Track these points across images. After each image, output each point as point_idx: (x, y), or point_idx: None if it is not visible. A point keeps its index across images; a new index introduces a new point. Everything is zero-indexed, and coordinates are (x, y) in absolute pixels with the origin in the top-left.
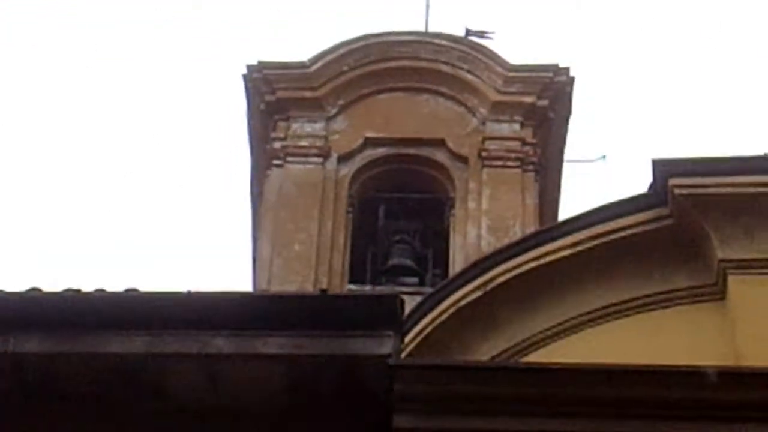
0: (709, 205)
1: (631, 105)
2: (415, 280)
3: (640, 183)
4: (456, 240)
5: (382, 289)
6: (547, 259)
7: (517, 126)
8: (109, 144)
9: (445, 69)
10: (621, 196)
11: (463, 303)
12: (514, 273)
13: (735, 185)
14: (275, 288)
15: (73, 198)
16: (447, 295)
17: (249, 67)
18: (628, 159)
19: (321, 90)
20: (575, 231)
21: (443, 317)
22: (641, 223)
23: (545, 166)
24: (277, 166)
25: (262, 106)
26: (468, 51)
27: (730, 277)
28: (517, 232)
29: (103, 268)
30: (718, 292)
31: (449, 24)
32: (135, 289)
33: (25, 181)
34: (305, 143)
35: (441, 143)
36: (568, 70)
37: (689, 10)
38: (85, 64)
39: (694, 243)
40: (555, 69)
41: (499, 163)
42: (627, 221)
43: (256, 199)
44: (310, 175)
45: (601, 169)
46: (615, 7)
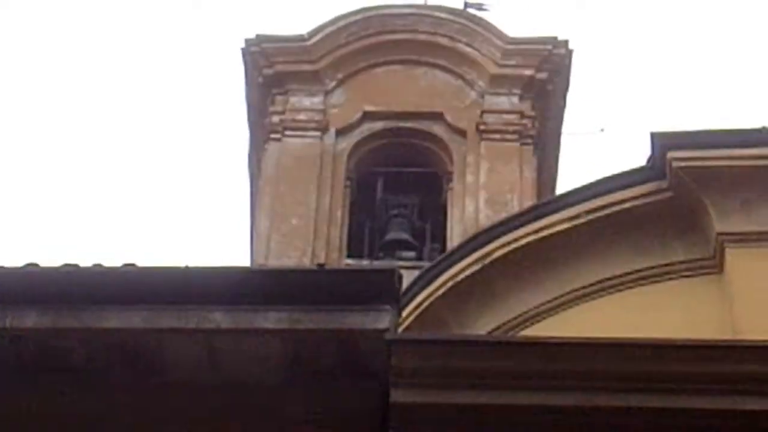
0: (707, 178)
1: (630, 78)
2: (412, 254)
3: (639, 156)
4: (454, 214)
5: (380, 263)
6: (545, 232)
7: (515, 99)
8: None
9: (444, 42)
10: (619, 169)
11: (460, 277)
12: (512, 247)
13: (733, 158)
14: (273, 262)
15: (70, 173)
16: (444, 269)
17: (247, 40)
18: (626, 132)
19: (319, 63)
20: (573, 204)
21: (441, 291)
22: (640, 197)
23: (543, 139)
24: (275, 140)
25: (261, 79)
26: (466, 24)
27: (727, 250)
28: (515, 206)
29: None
30: (715, 265)
31: None
32: (133, 265)
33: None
34: (303, 117)
35: (439, 117)
36: (566, 42)
37: None
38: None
39: (692, 216)
40: (553, 42)
41: (498, 136)
42: (625, 194)
43: (254, 174)
44: (308, 149)
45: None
46: None
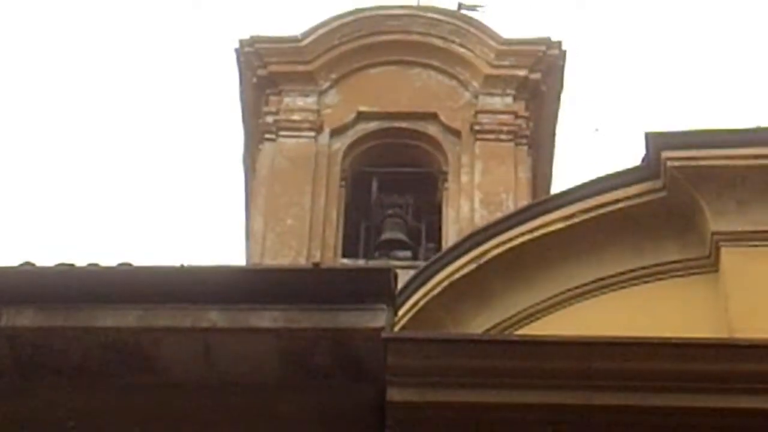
0: (702, 178)
1: (624, 78)
2: (408, 253)
3: (633, 156)
4: (449, 214)
5: (375, 262)
6: (540, 232)
7: (509, 99)
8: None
9: (437, 42)
10: (614, 169)
11: (456, 276)
12: (507, 246)
13: (728, 158)
14: (268, 262)
15: (65, 172)
16: (440, 269)
17: (241, 41)
18: (620, 132)
19: (313, 64)
20: (568, 204)
21: (436, 291)
22: (634, 196)
23: (538, 139)
24: (270, 140)
25: (255, 80)
26: (460, 24)
27: (722, 250)
28: (509, 206)
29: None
30: (710, 264)
31: None
32: (128, 264)
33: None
34: (297, 117)
35: (433, 117)
36: (560, 43)
37: None
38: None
39: (687, 216)
40: (547, 42)
41: (492, 136)
42: (620, 194)
43: (248, 174)
44: (302, 149)
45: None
46: None
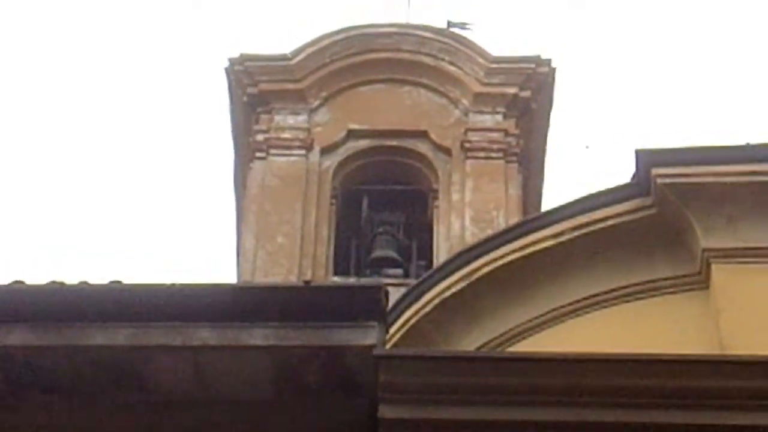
0: (692, 195)
1: (614, 95)
2: (399, 271)
3: (624, 173)
4: (440, 231)
5: (367, 280)
6: (531, 249)
7: (499, 117)
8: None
9: (427, 61)
10: (604, 186)
11: (447, 294)
12: (498, 264)
13: (718, 174)
14: (259, 280)
15: (56, 190)
16: (431, 287)
17: (231, 59)
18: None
19: (303, 82)
20: (558, 221)
21: (427, 308)
22: (624, 213)
23: (528, 156)
24: (260, 158)
25: (245, 98)
26: (450, 42)
27: (713, 266)
28: (500, 223)
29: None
30: (701, 281)
31: (431, 16)
32: (119, 282)
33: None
34: (288, 135)
35: (424, 135)
36: (550, 61)
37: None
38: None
39: (678, 232)
40: (537, 60)
41: (482, 154)
42: (610, 211)
43: (239, 192)
44: (293, 167)
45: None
46: None
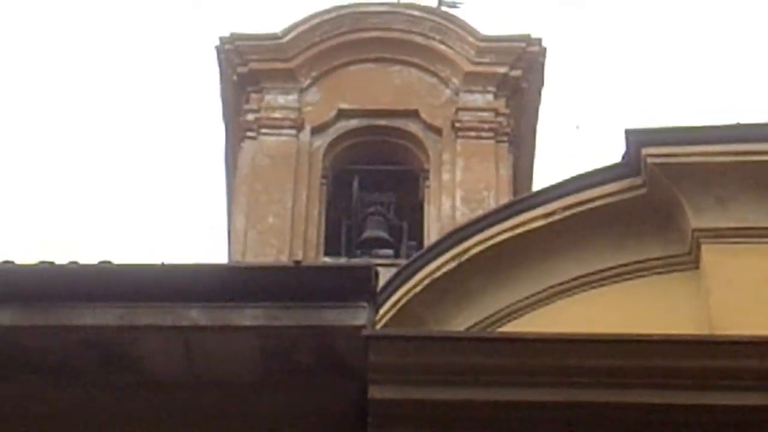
0: (682, 175)
1: (605, 75)
2: (389, 252)
3: (614, 153)
4: (430, 211)
5: (357, 260)
6: (521, 229)
7: (490, 97)
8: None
9: (418, 40)
10: (594, 166)
11: (437, 274)
12: (488, 244)
13: (708, 154)
14: (250, 260)
15: (46, 171)
16: (421, 267)
17: (221, 38)
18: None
19: (293, 61)
20: (548, 201)
21: (418, 289)
22: (614, 193)
23: (519, 136)
24: (251, 138)
25: (235, 77)
26: (440, 21)
27: (703, 247)
28: (491, 203)
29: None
30: (691, 261)
31: None
32: (109, 262)
33: None
34: (278, 115)
35: (414, 114)
36: (540, 40)
37: None
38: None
39: (668, 212)
40: (527, 39)
41: (473, 134)
42: (600, 191)
43: (230, 172)
44: (283, 147)
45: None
46: None
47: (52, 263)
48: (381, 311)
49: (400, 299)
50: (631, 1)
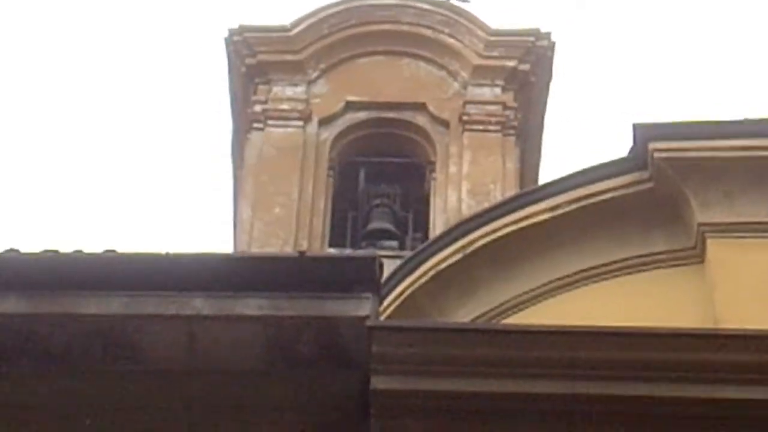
0: (688, 169)
1: (613, 69)
2: (395, 243)
3: (621, 147)
4: (436, 204)
5: (361, 251)
6: (527, 222)
7: (498, 90)
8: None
9: (427, 33)
10: (601, 160)
11: (442, 266)
12: (494, 236)
13: (715, 149)
14: (253, 250)
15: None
16: (426, 258)
17: (230, 30)
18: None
19: (302, 53)
20: (555, 194)
21: (422, 280)
22: (621, 187)
23: (526, 130)
24: (258, 129)
25: (243, 69)
26: (449, 15)
27: (709, 241)
28: (497, 196)
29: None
30: (697, 255)
31: None
32: (113, 251)
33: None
34: (286, 107)
35: (422, 107)
36: (549, 34)
37: None
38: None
39: (674, 207)
40: (536, 33)
41: (480, 127)
42: (607, 185)
43: (236, 163)
44: (290, 138)
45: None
46: None
47: (56, 252)
48: (385, 302)
49: (404, 290)
50: None
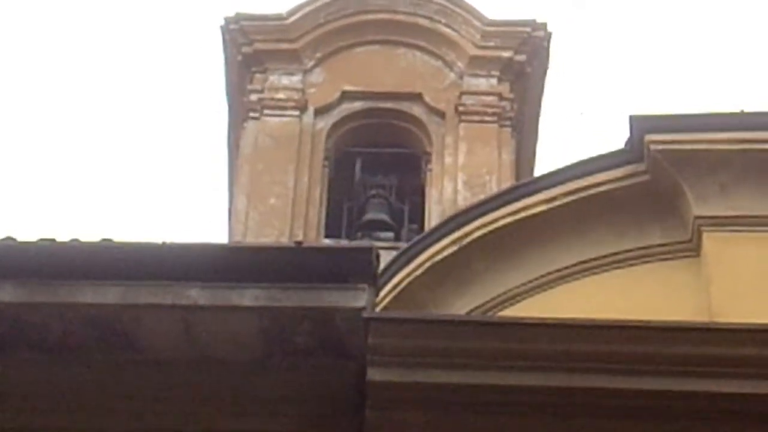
0: (684, 162)
1: (609, 61)
2: (390, 234)
3: (617, 139)
4: (432, 195)
5: (358, 242)
6: (523, 214)
7: (494, 81)
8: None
9: (423, 23)
10: (597, 151)
11: (438, 258)
12: (490, 228)
13: (711, 142)
14: (250, 241)
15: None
16: (422, 250)
17: (226, 18)
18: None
19: (298, 42)
20: (551, 186)
21: (418, 272)
22: (617, 179)
23: (522, 121)
24: (254, 118)
25: (239, 57)
26: (446, 5)
27: (704, 234)
28: (493, 188)
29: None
30: (692, 248)
31: None
32: (110, 240)
33: None
34: (282, 96)
35: (418, 97)
36: (545, 25)
37: None
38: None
39: (670, 199)
40: (533, 24)
41: (476, 118)
42: (603, 177)
43: (232, 152)
44: (286, 128)
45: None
46: None
47: (52, 241)
48: (381, 294)
49: (400, 282)
50: None
